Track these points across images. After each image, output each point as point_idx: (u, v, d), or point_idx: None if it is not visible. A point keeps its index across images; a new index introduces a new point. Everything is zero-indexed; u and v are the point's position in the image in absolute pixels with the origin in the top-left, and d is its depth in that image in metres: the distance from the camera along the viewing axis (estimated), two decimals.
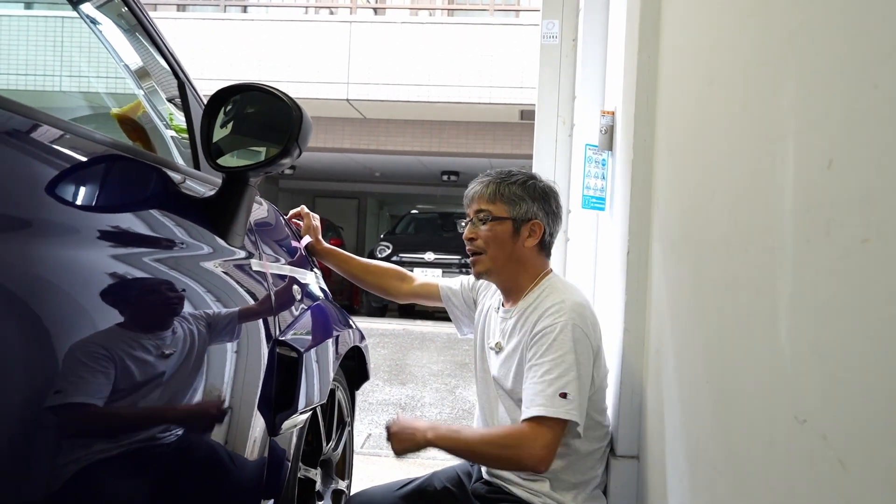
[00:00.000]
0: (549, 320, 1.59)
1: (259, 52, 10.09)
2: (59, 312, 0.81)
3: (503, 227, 1.68)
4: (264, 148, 1.31)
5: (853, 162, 0.73)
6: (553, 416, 1.52)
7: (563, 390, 1.53)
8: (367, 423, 4.07)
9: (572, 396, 1.54)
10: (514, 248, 1.69)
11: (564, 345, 1.56)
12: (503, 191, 1.69)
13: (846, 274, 0.73)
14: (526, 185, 1.71)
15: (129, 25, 1.41)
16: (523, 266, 1.70)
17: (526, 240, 1.69)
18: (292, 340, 1.48)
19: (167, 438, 1.02)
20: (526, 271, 1.71)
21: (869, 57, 0.71)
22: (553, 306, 1.61)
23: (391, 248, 9.98)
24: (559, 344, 1.56)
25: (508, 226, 1.68)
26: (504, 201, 1.69)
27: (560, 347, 1.56)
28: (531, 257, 1.71)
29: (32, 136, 0.89)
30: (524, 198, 1.69)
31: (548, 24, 2.89)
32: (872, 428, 0.67)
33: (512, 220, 1.68)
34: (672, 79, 1.58)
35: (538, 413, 1.53)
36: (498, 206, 1.69)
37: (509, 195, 1.69)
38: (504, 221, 1.68)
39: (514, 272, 1.71)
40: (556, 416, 1.52)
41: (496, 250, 1.69)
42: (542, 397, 1.54)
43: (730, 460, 1.07)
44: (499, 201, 1.69)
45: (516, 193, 1.69)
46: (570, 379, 1.54)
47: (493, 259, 1.69)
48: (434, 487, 1.78)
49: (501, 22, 10.61)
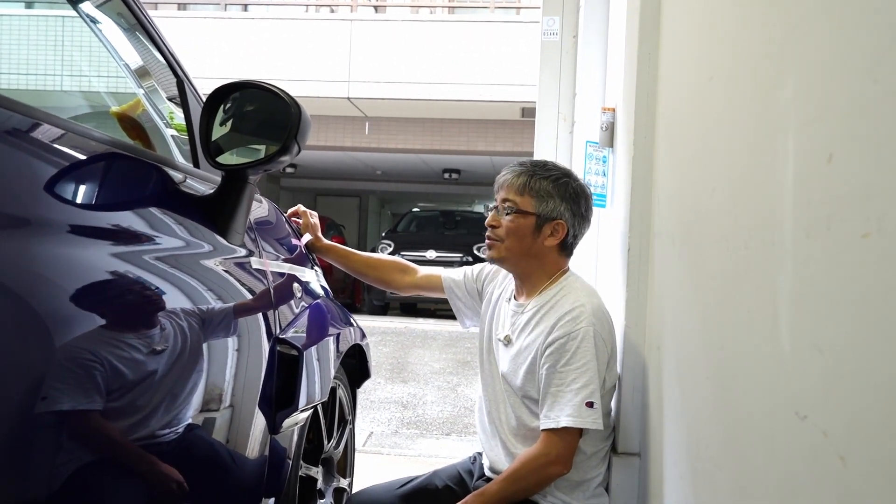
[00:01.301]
0: (570, 326, 1.59)
1: (260, 51, 10.09)
2: (58, 310, 0.81)
3: (526, 222, 1.66)
4: (263, 146, 1.31)
5: (853, 156, 0.73)
6: (581, 426, 1.56)
7: (590, 399, 1.55)
8: (369, 422, 4.07)
9: (597, 406, 1.56)
10: (533, 244, 1.67)
11: (588, 352, 1.57)
12: (533, 184, 1.66)
13: (846, 268, 0.73)
14: (559, 183, 1.67)
15: (129, 24, 1.41)
16: (539, 262, 1.69)
17: (547, 238, 1.67)
18: (293, 338, 1.48)
19: (167, 437, 1.02)
20: (542, 268, 1.69)
21: (869, 51, 0.71)
22: (574, 309, 1.60)
23: (393, 246, 9.99)
24: (583, 352, 1.57)
25: (531, 221, 1.66)
26: (532, 195, 1.66)
27: (584, 355, 1.57)
28: (549, 255, 1.69)
29: (32, 134, 0.89)
30: (553, 195, 1.66)
31: (548, 20, 2.89)
32: (873, 424, 0.67)
33: (536, 215, 1.66)
34: (672, 75, 1.58)
35: (567, 424, 1.55)
36: (525, 199, 1.66)
37: (539, 190, 1.66)
38: (528, 216, 1.66)
39: (529, 267, 1.70)
40: (583, 427, 1.56)
41: (514, 242, 1.67)
42: (570, 407, 1.55)
43: (731, 456, 1.06)
44: (527, 194, 1.66)
45: (546, 189, 1.66)
46: (595, 388, 1.56)
47: (509, 250, 1.68)
48: (435, 486, 1.77)
49: (502, 19, 10.61)
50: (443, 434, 3.95)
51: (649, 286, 1.69)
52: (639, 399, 1.71)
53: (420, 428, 4.04)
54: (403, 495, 1.75)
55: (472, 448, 1.95)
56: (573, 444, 1.59)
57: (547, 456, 1.57)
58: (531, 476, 1.59)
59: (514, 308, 1.73)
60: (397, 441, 3.79)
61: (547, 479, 1.60)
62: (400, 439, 3.82)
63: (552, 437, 1.57)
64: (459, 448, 3.50)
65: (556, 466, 1.58)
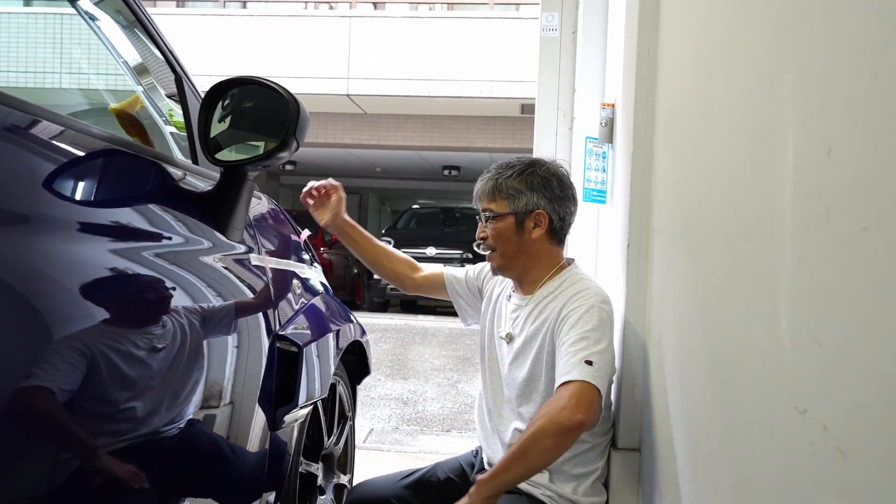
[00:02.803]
0: (577, 303, 1.60)
1: (259, 48, 10.08)
2: (58, 307, 0.81)
3: (506, 223, 1.68)
4: (262, 142, 1.30)
5: (852, 150, 0.73)
6: (576, 378, 1.48)
7: (589, 359, 1.51)
8: (369, 418, 4.08)
9: (598, 366, 1.50)
10: (522, 241, 1.68)
11: (592, 321, 1.56)
12: (500, 186, 1.68)
13: (846, 262, 0.73)
14: (523, 175, 1.68)
15: (127, 21, 1.41)
16: (535, 258, 1.70)
17: (532, 231, 1.68)
18: (292, 335, 1.48)
19: (167, 433, 1.02)
20: (539, 262, 1.70)
21: (868, 44, 0.71)
22: (581, 292, 1.62)
23: (393, 243, 9.98)
24: (586, 320, 1.56)
25: (511, 221, 1.68)
26: (503, 196, 1.68)
27: (588, 322, 1.56)
28: (542, 248, 1.70)
29: (30, 131, 0.88)
30: (522, 190, 1.67)
31: (547, 16, 2.89)
32: (873, 417, 0.67)
33: (513, 214, 1.67)
34: (671, 70, 1.58)
35: (569, 379, 1.49)
36: (499, 203, 1.69)
37: (507, 189, 1.68)
38: (505, 217, 1.68)
39: (527, 265, 1.70)
40: (582, 379, 1.48)
41: (505, 246, 1.69)
42: (570, 366, 1.51)
43: (730, 451, 1.07)
44: (499, 197, 1.69)
45: (513, 187, 1.68)
46: (597, 350, 1.52)
47: (504, 255, 1.69)
48: (437, 478, 1.79)
49: (501, 16, 10.59)
50: (443, 430, 3.95)
51: (649, 281, 1.69)
52: (639, 394, 1.71)
53: (420, 424, 4.05)
54: (406, 486, 1.77)
55: (471, 444, 1.96)
56: (579, 395, 1.47)
57: (559, 401, 1.47)
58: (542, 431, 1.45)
59: (514, 304, 1.73)
60: (397, 437, 3.79)
61: (558, 429, 1.44)
62: (400, 436, 3.82)
63: (563, 389, 1.50)
64: (459, 444, 3.51)
65: (567, 412, 1.44)
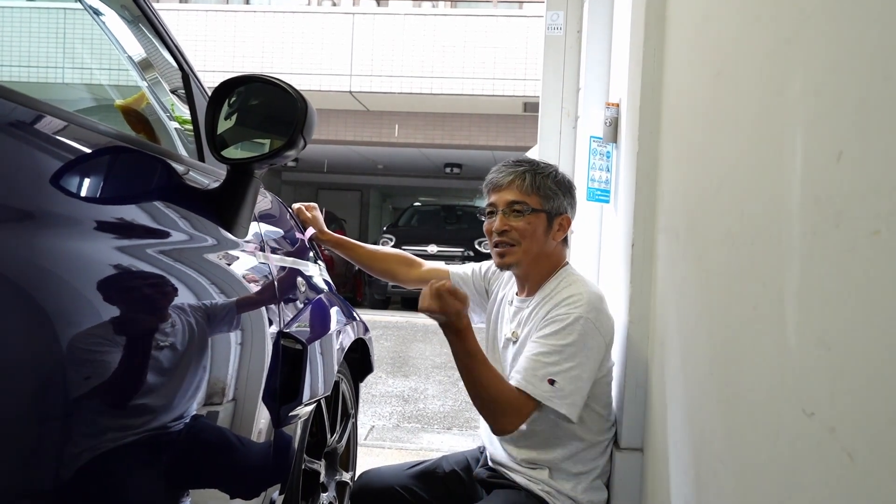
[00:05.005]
0: (564, 309, 1.60)
1: (262, 44, 10.08)
2: (63, 304, 0.81)
3: (540, 220, 1.69)
4: (269, 140, 1.30)
5: (863, 154, 0.73)
6: (532, 395, 1.55)
7: (553, 377, 1.54)
8: (371, 416, 4.08)
9: (560, 386, 1.54)
10: (546, 242, 1.70)
11: (571, 335, 1.57)
12: (539, 183, 1.69)
13: (855, 266, 0.72)
14: (557, 178, 1.72)
15: (133, 16, 1.41)
16: (548, 258, 1.72)
17: (556, 233, 1.70)
18: (297, 332, 1.48)
19: (171, 430, 1.02)
20: (549, 263, 1.72)
21: (879, 47, 0.71)
22: (572, 297, 1.62)
23: (394, 240, 9.99)
24: (566, 333, 1.57)
25: (544, 219, 1.69)
26: (539, 194, 1.69)
27: (566, 337, 1.57)
28: (556, 250, 1.73)
29: (36, 127, 0.88)
30: (557, 192, 1.70)
31: (552, 15, 2.88)
32: (880, 420, 0.67)
33: (547, 213, 1.69)
34: (678, 70, 1.57)
35: (517, 385, 1.56)
36: (534, 199, 1.69)
37: (545, 189, 1.69)
38: (541, 215, 1.68)
39: (539, 265, 1.71)
40: (534, 397, 1.55)
41: (531, 243, 1.68)
42: (529, 373, 1.56)
43: (735, 453, 1.06)
44: (534, 194, 1.69)
45: (551, 188, 1.69)
46: (563, 369, 1.55)
47: (527, 252, 1.69)
48: (443, 470, 1.83)
49: (505, 13, 10.57)
50: (444, 428, 3.96)
51: (653, 282, 1.68)
52: (642, 395, 1.71)
53: (421, 422, 4.05)
54: (412, 476, 1.82)
55: (472, 442, 1.97)
56: (525, 414, 1.56)
57: (509, 406, 1.55)
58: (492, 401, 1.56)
59: (517, 305, 1.75)
60: (398, 435, 3.79)
61: (490, 417, 1.58)
62: (401, 433, 3.83)
63: (519, 396, 1.56)
64: (460, 442, 3.51)
65: (505, 422, 1.56)
